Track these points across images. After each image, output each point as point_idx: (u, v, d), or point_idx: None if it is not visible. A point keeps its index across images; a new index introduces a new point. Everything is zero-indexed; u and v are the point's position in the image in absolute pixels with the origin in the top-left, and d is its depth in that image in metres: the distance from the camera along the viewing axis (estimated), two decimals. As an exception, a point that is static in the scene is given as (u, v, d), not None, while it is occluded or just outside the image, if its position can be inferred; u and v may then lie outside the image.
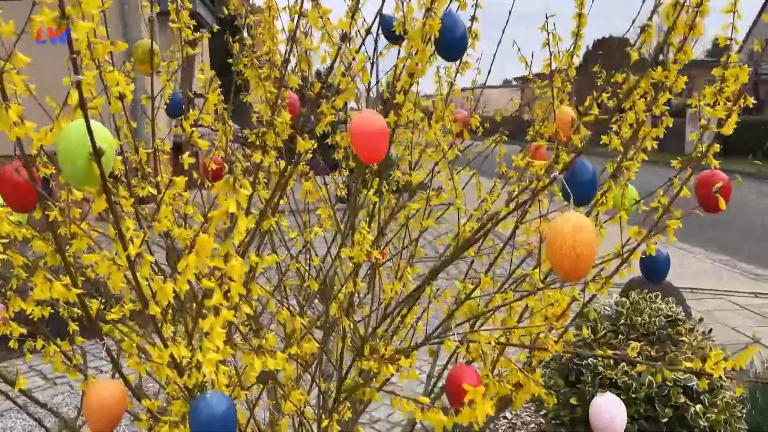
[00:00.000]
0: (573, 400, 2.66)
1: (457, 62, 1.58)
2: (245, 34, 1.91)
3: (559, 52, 1.59)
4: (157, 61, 1.71)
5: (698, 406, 2.53)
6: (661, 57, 1.35)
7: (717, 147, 1.41)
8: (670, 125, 1.28)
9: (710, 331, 2.89)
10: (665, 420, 2.52)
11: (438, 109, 1.54)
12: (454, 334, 1.17)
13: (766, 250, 7.95)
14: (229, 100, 1.93)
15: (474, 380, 1.13)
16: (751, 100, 1.36)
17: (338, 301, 1.48)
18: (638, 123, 1.25)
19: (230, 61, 1.88)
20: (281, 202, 1.51)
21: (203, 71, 1.81)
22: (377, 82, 1.68)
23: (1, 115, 0.74)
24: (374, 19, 1.39)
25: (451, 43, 1.10)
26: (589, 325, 2.77)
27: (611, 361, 2.64)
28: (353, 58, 1.20)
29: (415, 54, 1.08)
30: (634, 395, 2.56)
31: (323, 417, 1.39)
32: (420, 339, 1.81)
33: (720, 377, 2.00)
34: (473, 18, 1.40)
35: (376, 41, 1.43)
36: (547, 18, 1.53)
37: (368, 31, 1.20)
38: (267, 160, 1.36)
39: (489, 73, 2.01)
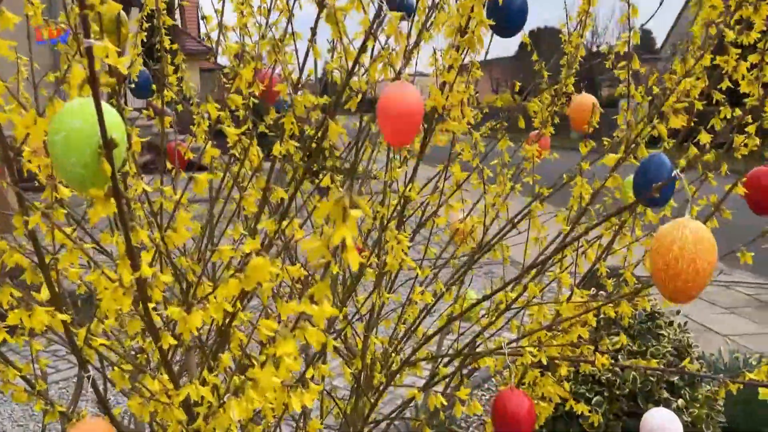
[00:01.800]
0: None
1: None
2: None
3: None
4: (124, 31, 1.48)
5: (680, 401, 2.50)
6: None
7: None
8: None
9: (685, 324, 2.87)
10: (649, 416, 2.47)
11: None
12: (501, 349, 1.03)
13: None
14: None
15: (526, 406, 0.99)
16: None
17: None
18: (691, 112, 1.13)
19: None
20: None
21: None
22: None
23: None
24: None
25: (513, 14, 0.93)
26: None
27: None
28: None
29: (466, 24, 0.90)
30: (618, 392, 2.50)
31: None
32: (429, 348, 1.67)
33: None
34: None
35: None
36: None
37: None
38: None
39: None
